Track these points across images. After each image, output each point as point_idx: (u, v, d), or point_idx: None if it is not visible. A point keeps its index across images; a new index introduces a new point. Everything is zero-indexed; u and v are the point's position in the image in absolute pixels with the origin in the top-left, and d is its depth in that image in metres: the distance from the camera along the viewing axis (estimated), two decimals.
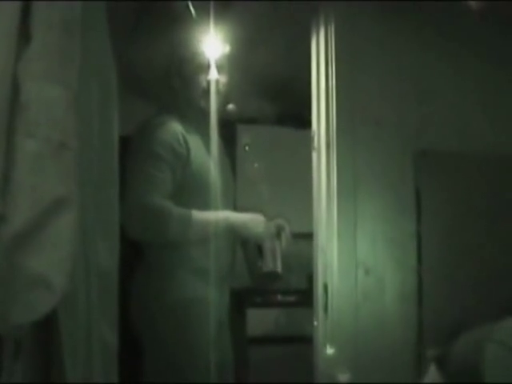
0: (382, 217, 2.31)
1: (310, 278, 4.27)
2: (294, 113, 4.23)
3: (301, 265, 4.33)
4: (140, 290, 2.44)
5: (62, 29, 1.26)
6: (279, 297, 4.05)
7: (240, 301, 2.90)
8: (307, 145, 3.58)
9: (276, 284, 3.60)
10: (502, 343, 1.87)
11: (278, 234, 2.51)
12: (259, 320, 3.79)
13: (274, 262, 2.44)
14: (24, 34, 1.24)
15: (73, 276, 1.26)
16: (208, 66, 2.46)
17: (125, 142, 1.89)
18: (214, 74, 2.45)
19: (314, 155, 2.45)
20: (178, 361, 2.39)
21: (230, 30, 2.58)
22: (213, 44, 2.49)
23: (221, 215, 2.41)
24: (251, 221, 2.46)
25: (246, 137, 4.04)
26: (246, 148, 3.44)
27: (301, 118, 4.19)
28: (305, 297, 4.02)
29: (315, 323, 2.39)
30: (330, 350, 2.27)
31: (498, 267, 2.37)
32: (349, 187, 2.31)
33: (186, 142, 2.38)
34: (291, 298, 4.03)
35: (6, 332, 1.25)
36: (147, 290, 2.43)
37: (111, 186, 1.68)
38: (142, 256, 2.46)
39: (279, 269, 2.46)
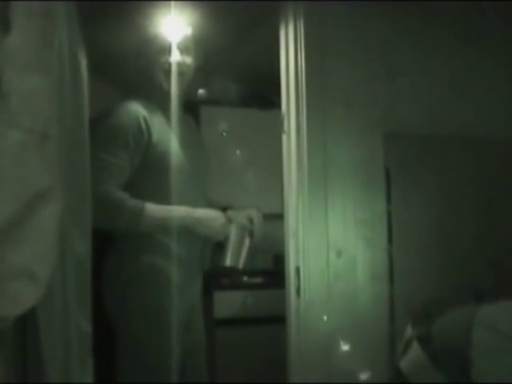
0: (352, 198, 2.34)
1: (275, 259, 4.33)
2: (259, 94, 4.23)
3: (266, 246, 4.35)
4: (111, 276, 2.42)
5: (42, 16, 1.23)
6: (245, 278, 4.06)
7: (206, 283, 2.91)
8: (272, 126, 3.60)
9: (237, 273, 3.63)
10: (490, 328, 1.90)
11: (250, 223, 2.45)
12: (226, 302, 3.80)
13: (234, 258, 2.42)
14: (3, 23, 1.20)
15: (55, 267, 1.25)
16: (166, 47, 2.43)
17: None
18: (175, 56, 2.43)
19: (284, 138, 2.45)
20: (150, 346, 2.38)
21: (192, 11, 2.55)
22: (174, 25, 2.45)
23: (175, 212, 2.38)
24: (206, 219, 2.40)
25: (213, 119, 4.02)
26: (224, 134, 3.41)
27: (265, 99, 4.20)
28: (271, 278, 4.06)
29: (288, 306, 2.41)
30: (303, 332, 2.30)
31: (467, 246, 2.42)
32: (319, 169, 2.32)
33: (147, 125, 2.35)
34: (258, 280, 4.05)
35: None
36: (118, 276, 2.41)
37: (83, 172, 1.66)
38: (113, 242, 2.44)
39: (240, 265, 2.44)
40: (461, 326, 1.96)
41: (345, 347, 2.29)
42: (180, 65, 2.44)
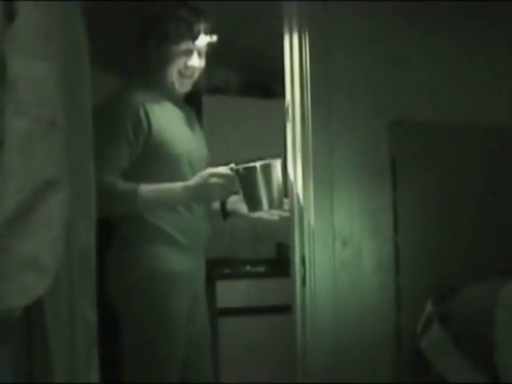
0: (358, 187, 2.33)
1: (278, 248, 4.32)
2: (260, 83, 4.21)
3: (269, 234, 4.35)
4: (114, 265, 2.41)
5: (47, 4, 1.21)
6: (248, 267, 4.06)
7: (209, 273, 2.90)
8: (273, 115, 3.59)
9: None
10: None
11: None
12: (229, 291, 3.80)
13: (254, 204, 2.29)
14: (7, 11, 1.19)
15: (63, 257, 1.23)
16: (189, 51, 2.40)
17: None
18: (195, 61, 2.41)
19: (289, 127, 2.43)
20: (153, 336, 2.38)
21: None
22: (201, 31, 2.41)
23: (170, 189, 2.33)
24: (201, 184, 2.29)
25: (215, 108, 4.01)
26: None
27: (266, 88, 4.18)
28: (274, 267, 4.06)
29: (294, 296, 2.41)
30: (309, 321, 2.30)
31: (473, 235, 2.41)
32: (324, 158, 2.31)
33: (147, 115, 2.34)
34: (260, 269, 4.04)
35: None
36: (122, 264, 2.40)
37: (87, 161, 1.65)
38: (116, 230, 2.43)
39: (262, 207, 2.27)
40: (484, 307, 1.94)
41: (351, 337, 2.28)
42: (196, 69, 2.43)
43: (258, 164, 2.24)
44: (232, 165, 2.29)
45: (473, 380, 1.99)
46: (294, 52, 2.41)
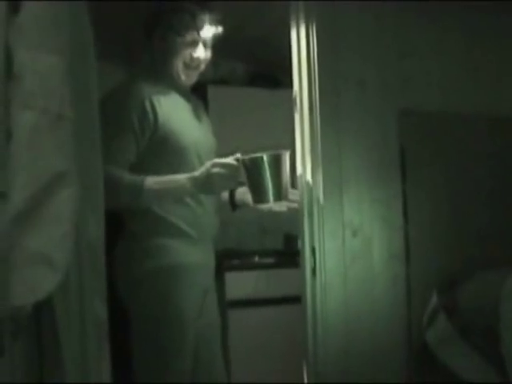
0: (367, 177, 2.30)
1: (286, 239, 4.31)
2: (266, 73, 4.19)
3: (276, 225, 4.33)
4: (123, 258, 2.40)
5: None
6: (256, 259, 4.04)
7: (217, 264, 2.89)
8: (280, 105, 3.57)
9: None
10: None
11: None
12: (237, 283, 3.79)
13: (259, 196, 2.22)
14: (12, 4, 1.17)
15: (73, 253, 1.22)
16: (195, 42, 2.38)
17: None
18: (200, 52, 2.39)
19: (297, 117, 2.41)
20: (163, 329, 2.37)
21: None
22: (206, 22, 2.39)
23: (175, 181, 2.30)
24: (203, 176, 2.23)
25: (220, 99, 3.99)
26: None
27: (272, 79, 4.16)
28: (283, 258, 4.04)
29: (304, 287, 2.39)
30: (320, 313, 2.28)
31: (483, 224, 2.39)
32: (333, 149, 2.29)
33: (152, 106, 2.32)
34: (269, 260, 4.03)
35: (8, 313, 1.20)
36: (131, 258, 2.39)
37: (95, 155, 1.63)
38: (124, 224, 2.42)
39: (268, 199, 2.20)
40: (488, 298, 1.92)
41: (362, 328, 2.27)
42: (201, 60, 2.41)
43: (264, 154, 2.19)
44: (238, 155, 2.25)
45: (480, 373, 1.98)
46: (301, 43, 2.38)
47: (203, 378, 2.48)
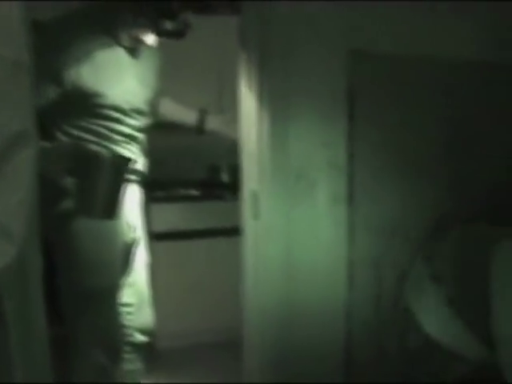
0: (316, 120, 2.22)
1: (211, 170, 4.24)
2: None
3: (202, 157, 4.24)
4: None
5: None
6: (181, 191, 3.97)
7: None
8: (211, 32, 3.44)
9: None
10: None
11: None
12: (163, 215, 3.71)
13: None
14: None
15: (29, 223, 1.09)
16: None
17: None
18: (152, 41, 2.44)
19: (244, 54, 2.29)
20: (96, 269, 2.41)
21: None
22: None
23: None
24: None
25: None
26: None
27: (202, 4, 3.98)
28: (208, 190, 3.99)
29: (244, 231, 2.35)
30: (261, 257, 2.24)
31: (430, 167, 2.38)
32: (281, 89, 2.18)
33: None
34: (194, 192, 3.96)
35: None
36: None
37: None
38: None
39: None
40: (479, 267, 1.90)
41: (304, 270, 2.25)
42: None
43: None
44: None
45: (463, 342, 1.98)
46: None
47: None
